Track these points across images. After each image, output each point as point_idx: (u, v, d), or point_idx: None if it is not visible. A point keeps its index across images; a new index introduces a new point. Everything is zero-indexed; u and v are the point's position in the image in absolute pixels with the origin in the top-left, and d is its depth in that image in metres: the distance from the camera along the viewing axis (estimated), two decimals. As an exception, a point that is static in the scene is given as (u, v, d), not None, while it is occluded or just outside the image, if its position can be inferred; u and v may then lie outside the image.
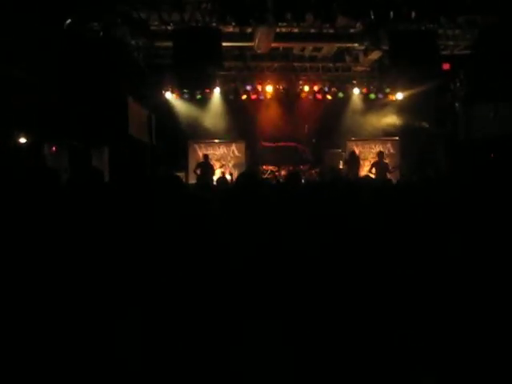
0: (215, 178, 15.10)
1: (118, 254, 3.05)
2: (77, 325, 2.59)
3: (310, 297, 2.87)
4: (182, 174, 15.86)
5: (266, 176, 16.04)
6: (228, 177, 15.63)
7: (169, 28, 11.85)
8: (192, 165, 16.37)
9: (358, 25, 12.17)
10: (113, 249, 3.11)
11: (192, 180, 15.36)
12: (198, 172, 15.29)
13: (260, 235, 3.36)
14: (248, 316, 2.67)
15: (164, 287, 2.88)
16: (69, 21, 10.61)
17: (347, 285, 3.01)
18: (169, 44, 11.95)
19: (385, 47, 12.68)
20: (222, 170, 16.69)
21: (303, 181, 13.57)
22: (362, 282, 3.05)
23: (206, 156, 16.08)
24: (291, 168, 16.71)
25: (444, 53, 13.32)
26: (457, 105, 15.08)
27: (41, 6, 9.53)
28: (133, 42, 12.31)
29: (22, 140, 9.90)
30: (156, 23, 11.82)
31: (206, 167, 15.46)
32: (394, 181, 10.18)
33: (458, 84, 14.84)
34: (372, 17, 11.54)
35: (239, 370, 2.51)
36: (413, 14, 11.45)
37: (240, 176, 4.45)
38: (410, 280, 3.11)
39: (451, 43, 13.21)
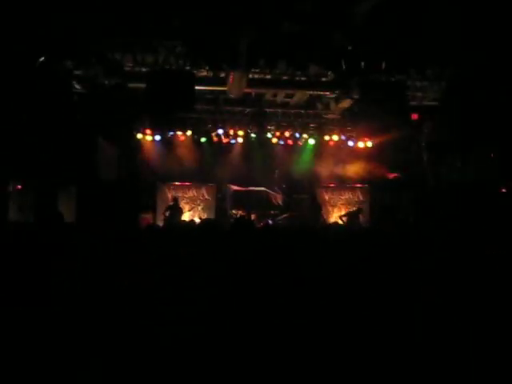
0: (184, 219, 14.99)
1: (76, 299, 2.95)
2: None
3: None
4: (149, 216, 15.71)
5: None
6: (197, 220, 15.51)
7: (142, 70, 11.92)
8: (161, 206, 16.23)
9: (329, 73, 12.43)
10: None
11: (160, 222, 15.18)
12: (167, 214, 15.15)
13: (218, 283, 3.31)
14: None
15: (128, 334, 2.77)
16: (42, 59, 10.59)
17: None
18: (142, 85, 12.00)
19: (355, 96, 12.95)
20: (192, 212, 16.59)
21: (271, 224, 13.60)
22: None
23: (175, 198, 15.95)
24: (261, 213, 16.70)
25: (412, 103, 13.67)
26: (425, 154, 15.38)
27: (13, 42, 9.51)
28: (106, 82, 12.31)
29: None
30: (130, 64, 11.89)
31: (175, 210, 15.33)
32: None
33: (425, 134, 15.17)
34: (343, 66, 11.81)
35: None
36: (383, 65, 11.77)
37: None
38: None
39: (419, 94, 13.58)
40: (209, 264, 3.80)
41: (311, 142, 17.41)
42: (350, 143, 17.51)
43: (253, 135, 17.14)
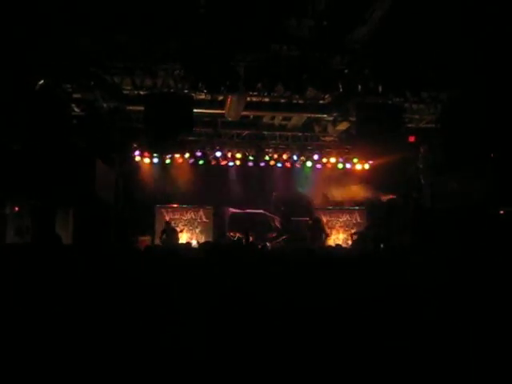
0: (181, 242, 14.98)
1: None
2: None
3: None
4: (147, 239, 15.65)
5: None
6: (194, 242, 15.48)
7: (141, 93, 11.98)
8: (158, 229, 16.20)
9: (326, 96, 12.50)
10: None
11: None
12: (164, 237, 15.11)
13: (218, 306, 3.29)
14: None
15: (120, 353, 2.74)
16: (41, 82, 10.65)
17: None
18: (140, 108, 12.06)
19: (352, 118, 13.02)
20: (189, 235, 16.55)
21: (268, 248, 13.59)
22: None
23: (167, 222, 15.88)
24: (259, 235, 16.67)
25: (409, 125, 13.75)
26: (421, 176, 15.41)
27: (15, 65, 9.58)
28: (104, 105, 12.37)
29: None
30: (129, 87, 11.95)
31: (170, 232, 15.26)
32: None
33: (422, 156, 15.23)
34: (341, 89, 11.89)
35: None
36: (380, 88, 11.85)
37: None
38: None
39: (416, 117, 13.67)
40: (206, 290, 3.79)
41: (309, 164, 17.45)
42: (348, 165, 17.57)
43: (250, 158, 17.18)
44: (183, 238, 15.90)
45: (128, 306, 3.16)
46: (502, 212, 12.23)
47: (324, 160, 17.34)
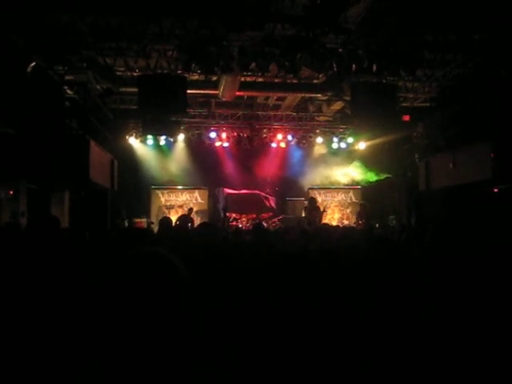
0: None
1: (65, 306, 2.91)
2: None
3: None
4: (143, 220, 15.67)
5: (228, 223, 15.93)
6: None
7: (134, 74, 11.89)
8: (154, 211, 16.22)
9: (321, 76, 12.43)
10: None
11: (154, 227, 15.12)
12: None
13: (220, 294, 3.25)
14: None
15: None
16: (33, 64, 10.53)
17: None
18: (134, 90, 11.98)
19: (347, 98, 12.97)
20: (185, 216, 16.57)
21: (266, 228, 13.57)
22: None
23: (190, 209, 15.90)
24: (254, 216, 16.70)
25: (404, 105, 13.72)
26: (416, 155, 15.42)
27: (4, 47, 9.46)
28: (97, 87, 12.27)
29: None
30: (122, 69, 11.86)
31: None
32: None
33: (417, 135, 15.22)
34: (335, 68, 11.81)
35: None
36: (374, 67, 11.78)
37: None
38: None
39: (411, 96, 13.64)
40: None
41: (303, 144, 17.45)
42: (343, 145, 17.56)
43: (245, 138, 17.15)
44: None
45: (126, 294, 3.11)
46: (496, 190, 12.27)
47: (319, 139, 17.33)
